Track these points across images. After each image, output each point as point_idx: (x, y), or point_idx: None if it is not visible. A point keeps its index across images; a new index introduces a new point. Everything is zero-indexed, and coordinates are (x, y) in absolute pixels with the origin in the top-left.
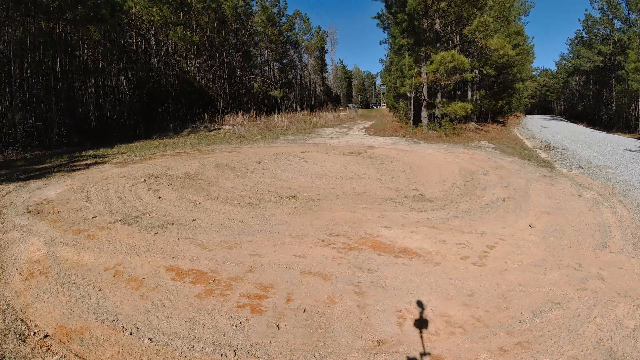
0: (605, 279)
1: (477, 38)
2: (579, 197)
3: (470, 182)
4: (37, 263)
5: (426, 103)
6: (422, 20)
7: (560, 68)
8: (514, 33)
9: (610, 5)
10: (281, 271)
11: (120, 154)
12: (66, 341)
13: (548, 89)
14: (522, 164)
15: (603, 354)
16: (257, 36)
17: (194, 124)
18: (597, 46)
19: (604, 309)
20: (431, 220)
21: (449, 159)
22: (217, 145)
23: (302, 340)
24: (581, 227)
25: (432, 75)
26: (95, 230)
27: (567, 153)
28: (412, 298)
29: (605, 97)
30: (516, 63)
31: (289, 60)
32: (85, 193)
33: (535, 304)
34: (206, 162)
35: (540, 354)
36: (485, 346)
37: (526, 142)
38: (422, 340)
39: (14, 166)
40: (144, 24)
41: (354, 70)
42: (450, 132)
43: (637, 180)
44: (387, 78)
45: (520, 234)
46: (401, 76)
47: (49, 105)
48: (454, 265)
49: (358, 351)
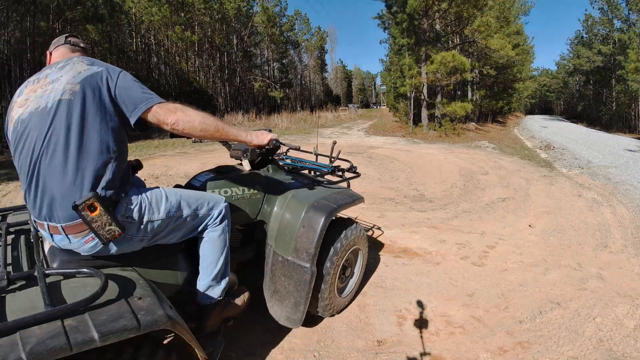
0: (605, 279)
1: (477, 38)
2: (579, 197)
3: (470, 182)
4: None
5: (426, 103)
6: (423, 20)
7: (560, 68)
8: (514, 33)
9: (610, 5)
10: None
11: None
12: None
13: (548, 89)
14: (522, 163)
15: (603, 354)
16: (257, 36)
17: None
18: (597, 46)
19: (604, 309)
20: (431, 220)
21: (449, 158)
22: (218, 145)
23: (302, 339)
24: (581, 227)
25: (432, 75)
26: None
27: (567, 153)
28: (412, 298)
29: (605, 97)
30: (516, 63)
31: (289, 60)
32: None
33: (535, 304)
34: (207, 162)
35: (540, 353)
36: (485, 346)
37: (526, 142)
38: (422, 340)
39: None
40: (143, 23)
41: (354, 70)
42: (450, 132)
43: (637, 180)
44: (387, 78)
45: (520, 233)
46: (401, 76)
47: None
48: (454, 265)
49: (358, 351)
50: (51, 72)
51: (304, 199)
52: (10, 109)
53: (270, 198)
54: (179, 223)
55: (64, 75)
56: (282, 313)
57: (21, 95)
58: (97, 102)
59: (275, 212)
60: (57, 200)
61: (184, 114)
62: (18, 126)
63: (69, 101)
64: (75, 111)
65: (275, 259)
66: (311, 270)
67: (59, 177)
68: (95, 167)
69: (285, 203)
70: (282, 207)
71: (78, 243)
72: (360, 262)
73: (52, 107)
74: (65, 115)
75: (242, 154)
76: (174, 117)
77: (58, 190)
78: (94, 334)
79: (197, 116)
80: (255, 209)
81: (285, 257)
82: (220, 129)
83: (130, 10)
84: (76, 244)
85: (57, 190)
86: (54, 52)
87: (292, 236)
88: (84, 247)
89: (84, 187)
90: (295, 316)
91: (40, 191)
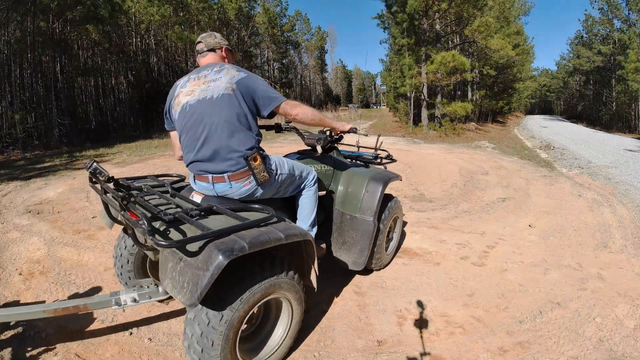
0: (605, 279)
1: (477, 38)
2: (579, 197)
3: (470, 182)
4: (37, 263)
5: (426, 103)
6: (423, 20)
7: (560, 68)
8: (514, 33)
9: (610, 5)
10: None
11: (120, 153)
12: (66, 341)
13: (548, 89)
14: (522, 163)
15: (603, 354)
16: (258, 36)
17: None
18: (597, 46)
19: (604, 309)
20: (431, 220)
21: (449, 158)
22: None
23: (301, 340)
24: (581, 227)
25: (432, 75)
26: (95, 230)
27: (567, 153)
28: (412, 298)
29: (605, 97)
30: (516, 63)
31: (289, 60)
32: (85, 193)
33: (535, 304)
34: None
35: (540, 353)
36: (485, 346)
37: (526, 142)
38: (422, 340)
39: (14, 166)
40: (143, 23)
41: (354, 70)
42: (450, 132)
43: (637, 180)
44: (387, 78)
45: (520, 234)
46: (401, 76)
47: (49, 105)
48: (454, 265)
49: (358, 351)
50: (209, 73)
51: (364, 174)
52: (176, 96)
53: (338, 173)
54: (292, 180)
55: (223, 77)
56: (349, 259)
57: (185, 87)
58: (245, 97)
59: (343, 183)
60: (225, 158)
61: (302, 109)
62: (187, 109)
63: (229, 95)
64: (234, 101)
65: (344, 218)
66: (374, 222)
67: (226, 142)
68: (247, 137)
69: (350, 176)
70: (348, 179)
71: (236, 187)
72: (399, 229)
73: (217, 98)
74: (227, 104)
75: (317, 141)
76: (296, 111)
77: (226, 151)
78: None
79: (309, 110)
80: (328, 181)
81: (353, 215)
82: (322, 118)
83: (130, 10)
84: (235, 188)
85: (225, 151)
86: (203, 57)
87: (358, 199)
88: (240, 190)
89: (244, 148)
90: (360, 260)
91: (210, 153)
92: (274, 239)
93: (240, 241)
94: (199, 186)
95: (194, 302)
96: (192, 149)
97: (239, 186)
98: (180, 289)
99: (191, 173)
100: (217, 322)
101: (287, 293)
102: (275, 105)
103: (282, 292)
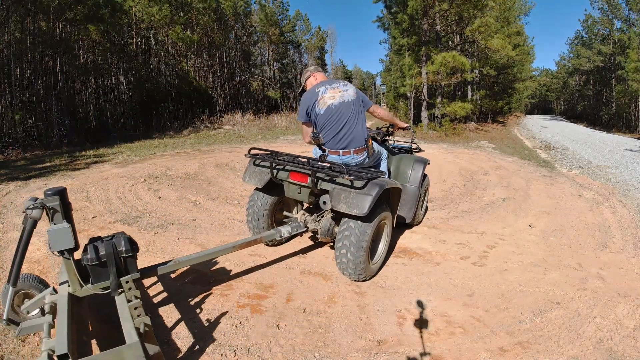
0: (605, 279)
1: (478, 39)
2: (579, 197)
3: (470, 182)
4: (37, 263)
5: (426, 103)
6: (423, 20)
7: (560, 68)
8: (514, 33)
9: (610, 5)
10: (281, 271)
11: (120, 153)
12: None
13: (548, 89)
14: (522, 163)
15: (603, 354)
16: (256, 35)
17: (194, 124)
18: (597, 46)
19: (604, 309)
20: (431, 220)
21: (449, 158)
22: (217, 145)
23: (302, 339)
24: (581, 227)
25: (433, 75)
26: (95, 230)
27: (567, 153)
28: (412, 298)
29: (605, 97)
30: (516, 63)
31: (288, 60)
32: (85, 193)
33: (535, 304)
34: (206, 162)
35: (540, 353)
36: (485, 346)
37: (526, 142)
38: (422, 340)
39: (14, 166)
40: (144, 23)
41: (354, 70)
42: (450, 132)
43: (637, 180)
44: (387, 78)
45: (520, 234)
46: (401, 76)
47: (49, 105)
48: (454, 265)
49: (358, 351)
50: (338, 85)
51: (409, 157)
52: (320, 98)
53: (390, 157)
54: (378, 155)
55: (350, 89)
56: (402, 214)
57: (326, 93)
58: (362, 101)
59: (394, 163)
60: (355, 139)
61: (381, 109)
62: (332, 108)
63: (355, 100)
64: (358, 103)
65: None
66: (418, 189)
67: (357, 128)
68: (365, 127)
69: (399, 159)
70: (398, 161)
71: (356, 157)
72: (427, 198)
73: (351, 101)
74: (358, 104)
75: (376, 134)
76: (379, 111)
77: (356, 135)
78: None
79: (384, 111)
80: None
81: (405, 185)
82: (391, 117)
83: (130, 10)
84: (355, 158)
85: (355, 135)
86: (318, 73)
87: (407, 174)
88: (358, 159)
89: (365, 134)
90: (409, 215)
91: (347, 136)
92: (393, 184)
93: (383, 182)
94: (330, 157)
95: (365, 212)
96: (333, 133)
97: (358, 157)
98: (354, 206)
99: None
100: (365, 233)
101: (387, 220)
102: (369, 106)
103: (385, 220)
